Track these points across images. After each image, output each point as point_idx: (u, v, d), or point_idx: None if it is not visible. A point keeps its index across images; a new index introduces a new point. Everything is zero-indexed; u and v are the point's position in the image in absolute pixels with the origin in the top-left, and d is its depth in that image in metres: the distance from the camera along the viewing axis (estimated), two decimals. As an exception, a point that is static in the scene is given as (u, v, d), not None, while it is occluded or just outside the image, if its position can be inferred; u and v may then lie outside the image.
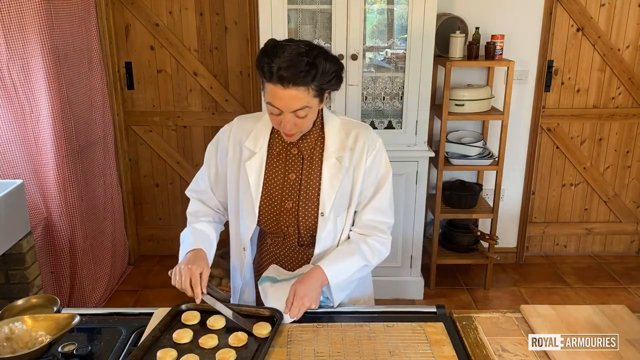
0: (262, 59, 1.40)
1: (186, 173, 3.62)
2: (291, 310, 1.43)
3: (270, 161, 1.58)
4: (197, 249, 1.55)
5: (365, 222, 1.60)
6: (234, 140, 1.61)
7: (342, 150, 1.55)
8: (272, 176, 1.58)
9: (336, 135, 1.56)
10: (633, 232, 3.77)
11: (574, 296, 3.31)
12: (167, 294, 3.31)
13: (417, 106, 2.95)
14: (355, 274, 1.58)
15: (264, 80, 1.42)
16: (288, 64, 1.36)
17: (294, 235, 1.60)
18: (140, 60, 3.41)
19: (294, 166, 1.57)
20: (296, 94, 1.38)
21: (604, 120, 3.53)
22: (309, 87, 1.39)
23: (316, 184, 1.56)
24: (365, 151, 1.56)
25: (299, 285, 1.48)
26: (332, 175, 1.55)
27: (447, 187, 3.32)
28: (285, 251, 1.64)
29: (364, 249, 1.58)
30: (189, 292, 1.44)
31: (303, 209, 1.56)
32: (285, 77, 1.36)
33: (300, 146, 1.56)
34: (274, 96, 1.40)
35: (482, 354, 1.33)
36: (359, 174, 1.57)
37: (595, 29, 3.35)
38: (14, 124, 2.61)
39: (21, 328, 1.32)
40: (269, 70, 1.37)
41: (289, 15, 2.82)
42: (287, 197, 1.57)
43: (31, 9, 2.48)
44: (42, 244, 2.73)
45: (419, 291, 3.26)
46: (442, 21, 3.06)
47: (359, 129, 1.58)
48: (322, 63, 1.39)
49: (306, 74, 1.37)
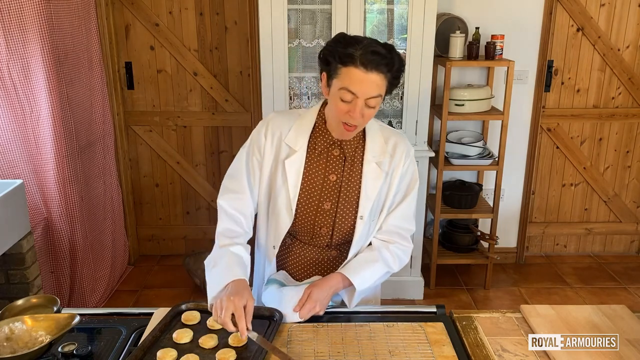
0: (336, 45, 1.42)
1: (186, 173, 3.62)
2: (302, 310, 1.43)
3: (310, 160, 1.56)
4: (239, 280, 1.43)
5: (391, 227, 1.61)
6: (272, 136, 1.56)
7: (382, 155, 1.56)
8: (312, 176, 1.57)
9: (376, 140, 1.57)
10: (633, 232, 3.77)
11: (574, 296, 3.31)
12: (167, 294, 3.32)
13: (417, 106, 2.95)
14: (377, 280, 1.59)
15: (338, 67, 1.41)
16: (372, 49, 1.39)
17: (325, 237, 1.59)
18: (140, 60, 3.41)
19: (335, 167, 1.57)
20: (376, 79, 1.40)
21: (604, 120, 3.53)
22: (385, 76, 1.41)
23: (356, 187, 1.56)
24: (404, 158, 1.58)
25: (315, 289, 1.47)
26: (372, 179, 1.55)
27: (447, 187, 3.32)
28: (308, 252, 1.63)
29: (386, 255, 1.58)
30: (230, 327, 1.32)
31: (342, 211, 1.56)
32: (371, 60, 1.38)
33: (343, 147, 1.56)
34: (353, 80, 1.40)
35: (482, 354, 1.33)
36: (394, 181, 1.58)
37: (595, 29, 3.35)
38: (14, 124, 2.61)
39: (21, 328, 1.32)
40: (349, 54, 1.39)
41: (289, 15, 2.82)
42: (326, 198, 1.56)
43: (31, 9, 2.47)
44: (42, 244, 2.73)
45: (419, 291, 3.26)
46: (442, 21, 3.06)
47: (397, 137, 1.61)
48: (396, 57, 1.43)
49: (388, 62, 1.40)
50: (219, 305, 1.34)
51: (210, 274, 1.48)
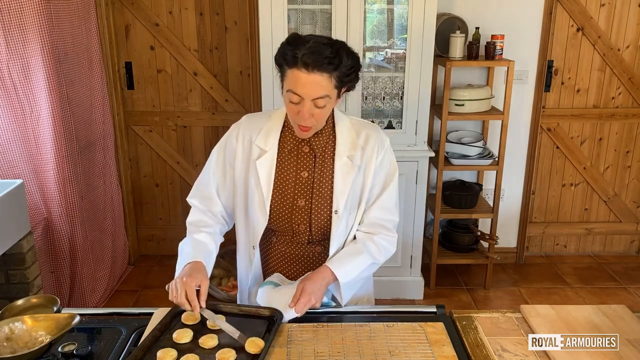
0: (285, 47, 1.43)
1: (186, 173, 3.62)
2: (297, 305, 1.43)
3: (281, 159, 1.58)
4: (195, 262, 1.51)
5: (372, 219, 1.61)
6: (243, 139, 1.60)
7: (353, 150, 1.57)
8: (284, 174, 1.58)
9: (347, 134, 1.58)
10: (633, 232, 3.77)
11: (574, 296, 3.31)
12: (167, 294, 3.31)
13: (417, 106, 2.95)
14: (363, 272, 1.59)
15: (285, 69, 1.43)
16: (313, 50, 1.39)
17: (304, 233, 1.60)
18: (140, 60, 3.41)
19: (306, 164, 1.58)
20: (319, 80, 1.40)
21: (604, 120, 3.53)
22: (331, 76, 1.41)
23: (329, 182, 1.57)
24: (376, 150, 1.58)
25: (307, 282, 1.48)
26: (344, 173, 1.56)
27: (447, 187, 3.32)
28: (292, 250, 1.64)
29: (370, 247, 1.59)
30: (187, 306, 1.40)
31: (316, 206, 1.57)
32: (311, 62, 1.38)
33: (312, 144, 1.57)
34: (297, 82, 1.41)
35: (482, 354, 1.33)
36: (369, 173, 1.58)
37: (595, 29, 3.35)
38: (14, 124, 2.61)
39: (21, 328, 1.32)
40: (293, 56, 1.40)
41: (289, 15, 2.82)
42: (300, 195, 1.58)
43: (31, 9, 2.47)
44: (42, 244, 2.73)
45: (419, 291, 3.26)
46: (442, 21, 3.06)
47: (369, 129, 1.61)
48: (344, 55, 1.43)
49: (330, 61, 1.40)
50: (173, 286, 1.43)
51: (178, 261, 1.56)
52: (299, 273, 1.65)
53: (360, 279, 1.61)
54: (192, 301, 1.39)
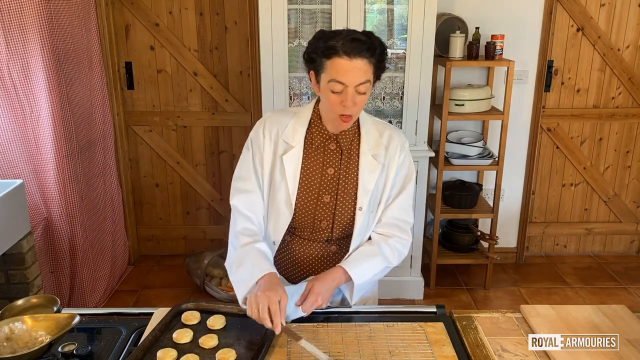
0: (317, 42, 1.47)
1: (186, 173, 3.62)
2: (304, 304, 1.43)
3: (307, 155, 1.59)
4: (271, 274, 1.45)
5: (389, 219, 1.62)
6: (269, 134, 1.60)
7: (377, 148, 1.59)
8: (310, 170, 1.59)
9: (372, 133, 1.61)
10: (633, 232, 3.77)
11: (574, 296, 3.31)
12: (167, 294, 3.32)
13: (417, 106, 2.95)
14: (376, 275, 1.60)
15: (324, 61, 1.45)
16: (350, 38, 1.43)
17: (326, 230, 1.61)
18: (140, 60, 3.41)
19: (332, 161, 1.59)
20: (362, 65, 1.43)
21: (604, 120, 3.53)
22: (369, 61, 1.45)
23: (354, 179, 1.59)
24: (399, 150, 1.61)
25: (316, 282, 1.48)
26: (369, 171, 1.58)
27: (447, 187, 3.32)
28: (306, 249, 1.64)
29: (385, 250, 1.60)
30: (267, 323, 1.33)
31: (341, 203, 1.58)
32: (352, 48, 1.41)
33: (339, 141, 1.58)
34: (340, 71, 1.43)
35: (482, 354, 1.33)
36: (391, 172, 1.61)
37: (595, 29, 3.35)
38: (14, 124, 2.61)
39: (21, 328, 1.32)
40: (331, 47, 1.43)
41: (289, 15, 2.82)
42: (325, 191, 1.58)
43: (31, 9, 2.47)
44: (42, 244, 2.73)
45: (419, 291, 3.26)
46: (442, 21, 3.06)
47: (391, 130, 1.64)
48: (377, 42, 1.47)
49: (369, 47, 1.44)
50: (254, 300, 1.36)
51: (237, 273, 1.50)
52: (310, 273, 1.65)
53: (372, 281, 1.62)
54: (275, 316, 1.33)
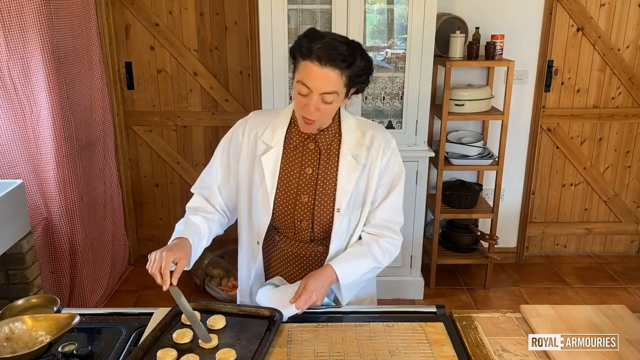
0: (302, 39, 1.44)
1: (186, 173, 3.62)
2: (298, 301, 1.44)
3: (286, 155, 1.59)
4: (182, 238, 1.53)
5: (379, 220, 1.61)
6: (249, 135, 1.60)
7: (358, 149, 1.57)
8: (288, 170, 1.58)
9: (353, 133, 1.59)
10: (633, 232, 3.77)
11: (574, 296, 3.31)
12: (167, 294, 3.31)
13: (417, 106, 2.95)
14: (365, 275, 1.59)
15: (299, 60, 1.44)
16: (329, 45, 1.40)
17: (306, 231, 1.60)
18: (140, 60, 3.41)
19: (311, 161, 1.58)
20: (330, 75, 1.41)
21: (604, 120, 3.53)
22: (342, 73, 1.42)
23: (333, 180, 1.57)
24: (381, 151, 1.58)
25: (310, 279, 1.48)
26: (349, 171, 1.56)
27: (447, 187, 3.32)
28: (295, 249, 1.64)
29: (375, 250, 1.59)
30: (157, 279, 1.39)
31: (319, 203, 1.57)
32: (324, 55, 1.39)
33: (317, 141, 1.57)
34: (308, 74, 1.42)
35: (482, 354, 1.33)
36: (374, 173, 1.58)
37: (595, 29, 3.35)
38: (14, 124, 2.61)
39: (21, 328, 1.32)
40: (308, 48, 1.41)
41: (289, 15, 2.82)
42: (303, 191, 1.58)
43: (31, 9, 2.47)
44: (42, 244, 2.73)
45: (419, 291, 3.26)
46: (442, 21, 3.05)
47: (374, 129, 1.61)
48: (358, 55, 1.43)
49: (344, 58, 1.40)
50: (152, 257, 1.42)
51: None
52: (301, 273, 1.65)
53: (363, 281, 1.61)
54: (164, 275, 1.39)
